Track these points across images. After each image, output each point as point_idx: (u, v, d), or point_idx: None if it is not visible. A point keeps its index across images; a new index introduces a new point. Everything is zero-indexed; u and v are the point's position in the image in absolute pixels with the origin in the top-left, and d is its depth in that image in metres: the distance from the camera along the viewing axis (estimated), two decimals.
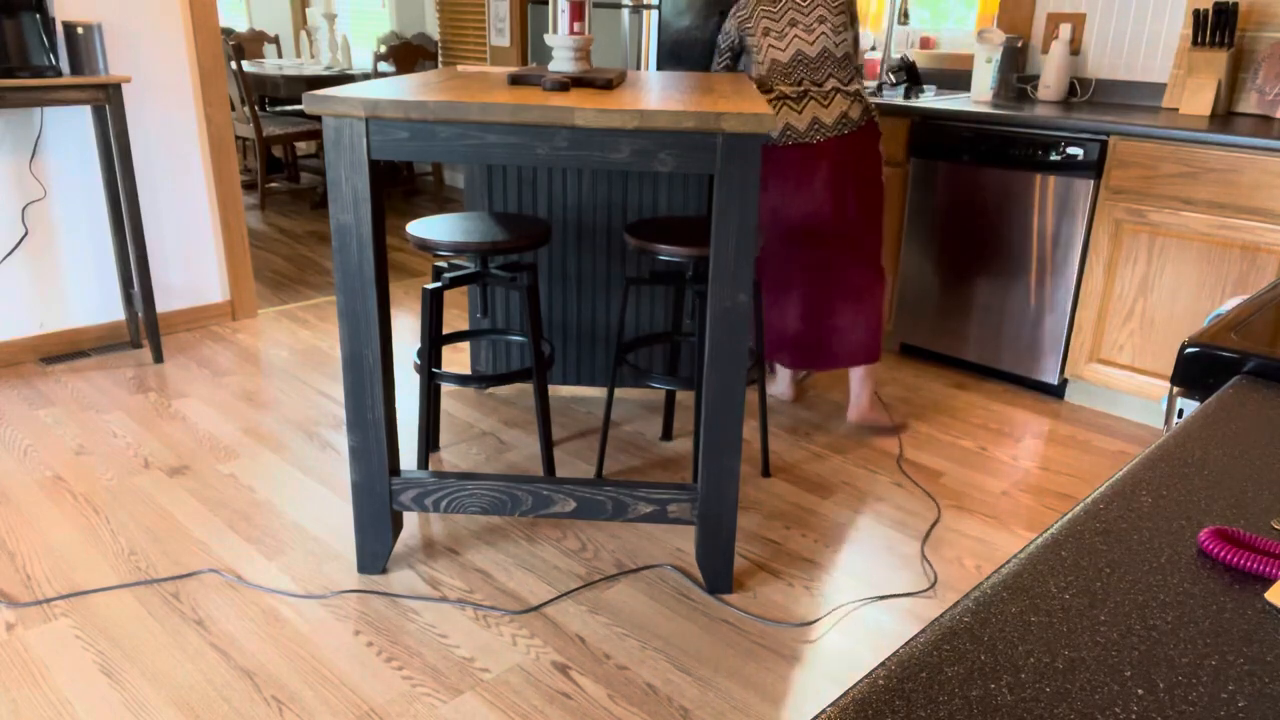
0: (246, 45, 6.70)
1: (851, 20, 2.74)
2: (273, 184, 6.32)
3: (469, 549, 2.28)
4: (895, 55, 3.98)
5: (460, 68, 2.68)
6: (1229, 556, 0.65)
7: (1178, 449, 0.82)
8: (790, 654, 1.94)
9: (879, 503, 2.54)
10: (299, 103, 6.24)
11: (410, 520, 2.39)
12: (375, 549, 2.15)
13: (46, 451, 2.68)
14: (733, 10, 2.81)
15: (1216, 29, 3.02)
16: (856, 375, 2.91)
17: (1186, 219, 2.77)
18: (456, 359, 3.46)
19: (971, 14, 3.89)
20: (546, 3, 4.28)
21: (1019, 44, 3.57)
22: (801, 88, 2.68)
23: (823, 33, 2.68)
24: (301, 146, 6.99)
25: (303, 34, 6.58)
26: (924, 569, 2.25)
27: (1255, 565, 0.64)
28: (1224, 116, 3.06)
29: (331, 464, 2.66)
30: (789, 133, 2.69)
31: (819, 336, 2.86)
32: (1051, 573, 0.64)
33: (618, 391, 3.19)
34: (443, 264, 2.56)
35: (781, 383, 3.16)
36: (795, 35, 2.68)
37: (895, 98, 3.53)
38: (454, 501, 2.12)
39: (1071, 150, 2.94)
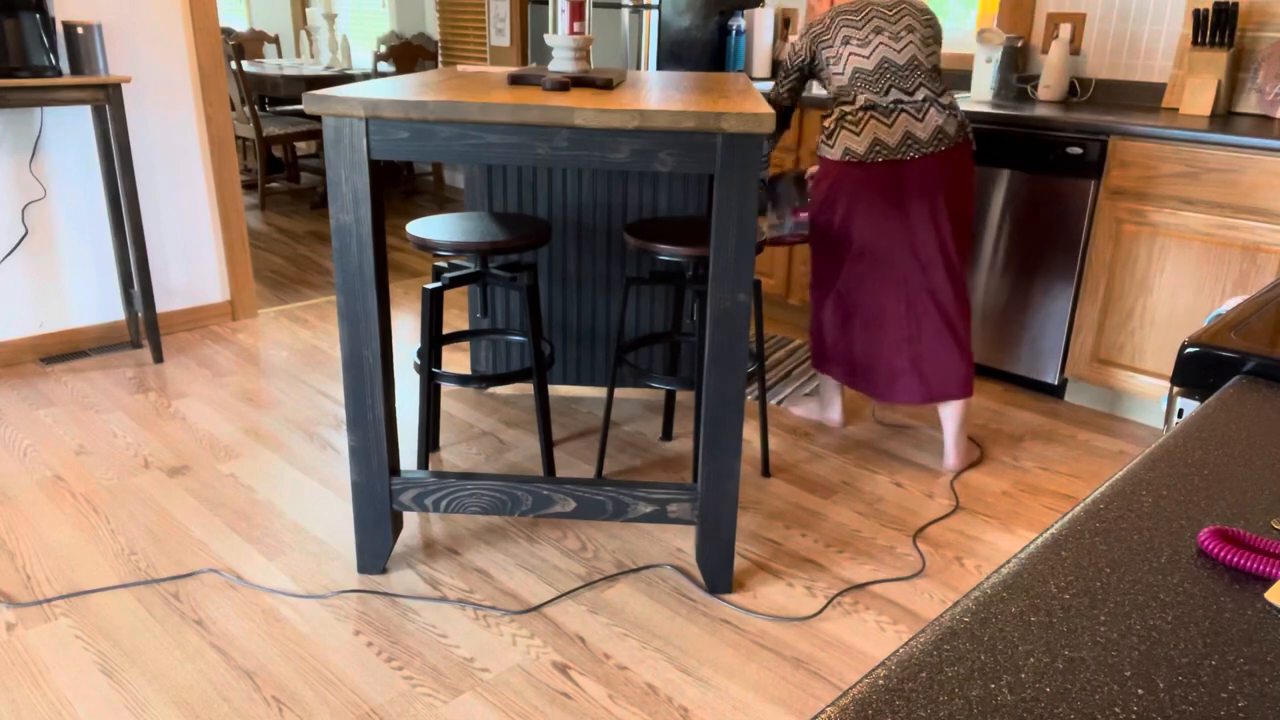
0: (246, 45, 6.70)
1: (938, 39, 2.56)
2: (273, 184, 6.32)
3: (469, 549, 2.28)
4: None
5: (460, 68, 2.68)
6: (1229, 556, 0.65)
7: (1178, 449, 0.82)
8: (790, 654, 1.94)
9: (879, 503, 2.54)
10: (299, 103, 6.24)
11: (410, 520, 2.39)
12: (375, 549, 2.15)
13: (46, 451, 2.68)
14: (805, 29, 2.61)
15: (1216, 29, 3.02)
16: (951, 416, 2.67)
17: (1186, 219, 2.77)
18: (456, 359, 3.46)
19: (971, 14, 3.89)
20: (546, 3, 4.28)
21: (1019, 44, 3.57)
22: (890, 98, 2.46)
23: (911, 42, 2.47)
24: (301, 146, 6.99)
25: (303, 34, 6.58)
26: (924, 569, 2.25)
27: (1255, 565, 0.64)
28: (1224, 116, 3.06)
29: (331, 464, 2.66)
30: (877, 148, 2.47)
31: (907, 367, 2.62)
32: (1051, 573, 0.64)
33: (618, 391, 3.19)
34: (443, 264, 2.56)
35: (833, 409, 2.94)
36: (880, 42, 2.47)
37: None
38: (454, 501, 2.12)
39: (1071, 150, 2.94)
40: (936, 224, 2.53)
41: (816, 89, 4.12)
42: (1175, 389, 1.02)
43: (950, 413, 2.67)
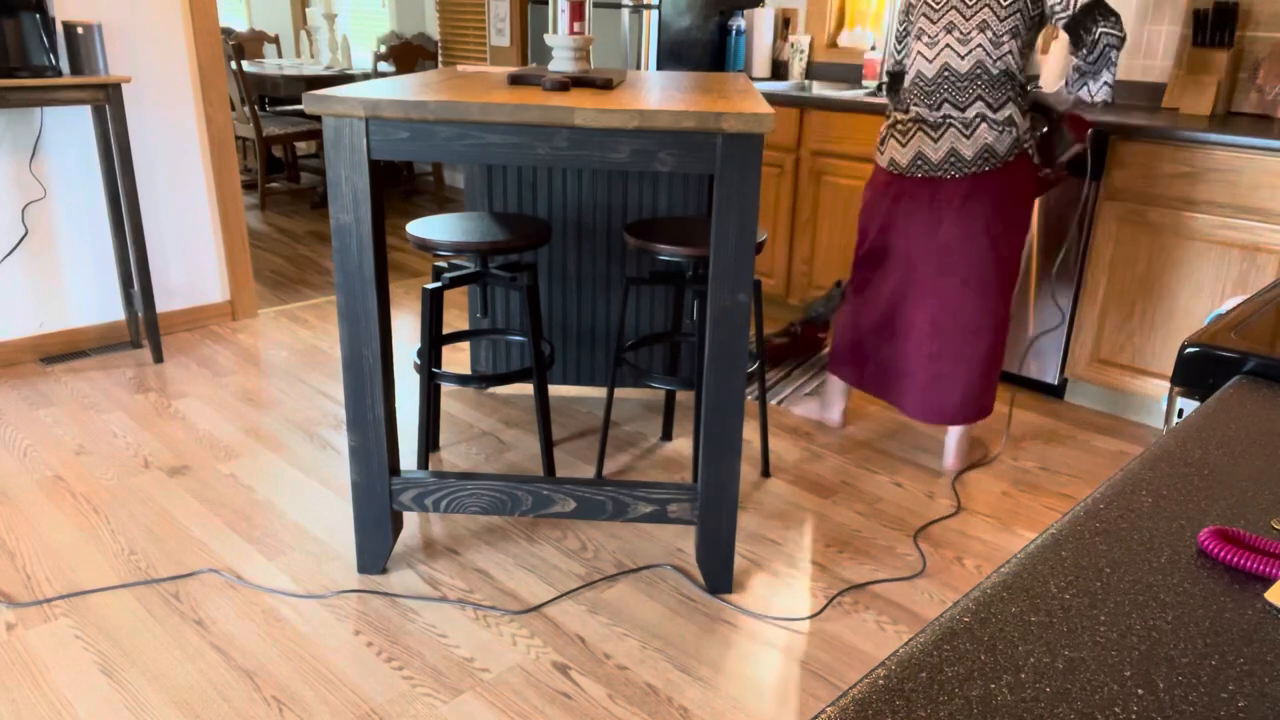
0: (246, 45, 6.70)
1: (1021, 23, 2.36)
2: (273, 184, 6.32)
3: (469, 549, 2.28)
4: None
5: (460, 68, 2.68)
6: (1229, 556, 0.65)
7: (1178, 449, 0.82)
8: (790, 654, 1.94)
9: (879, 503, 2.54)
10: (299, 103, 6.24)
11: (410, 520, 2.39)
12: (375, 549, 2.15)
13: (46, 451, 2.68)
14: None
15: (1216, 29, 3.02)
16: (956, 430, 2.69)
17: (1186, 219, 2.77)
18: (456, 359, 3.46)
19: None
20: (546, 3, 4.28)
21: None
22: (941, 112, 2.40)
23: (980, 44, 2.36)
24: (301, 146, 6.99)
25: (303, 34, 6.58)
26: (924, 569, 2.25)
27: (1255, 565, 0.64)
28: (1224, 116, 3.06)
29: (331, 464, 2.66)
30: (919, 162, 2.44)
31: (925, 384, 2.61)
32: (1051, 573, 0.64)
33: (618, 391, 3.19)
34: (443, 264, 2.56)
35: (835, 409, 2.92)
36: (948, 44, 2.38)
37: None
38: (454, 501, 2.12)
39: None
40: (975, 247, 2.47)
41: (817, 89, 4.12)
42: (1175, 389, 1.02)
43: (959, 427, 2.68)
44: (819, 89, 4.11)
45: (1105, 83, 2.37)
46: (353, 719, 1.73)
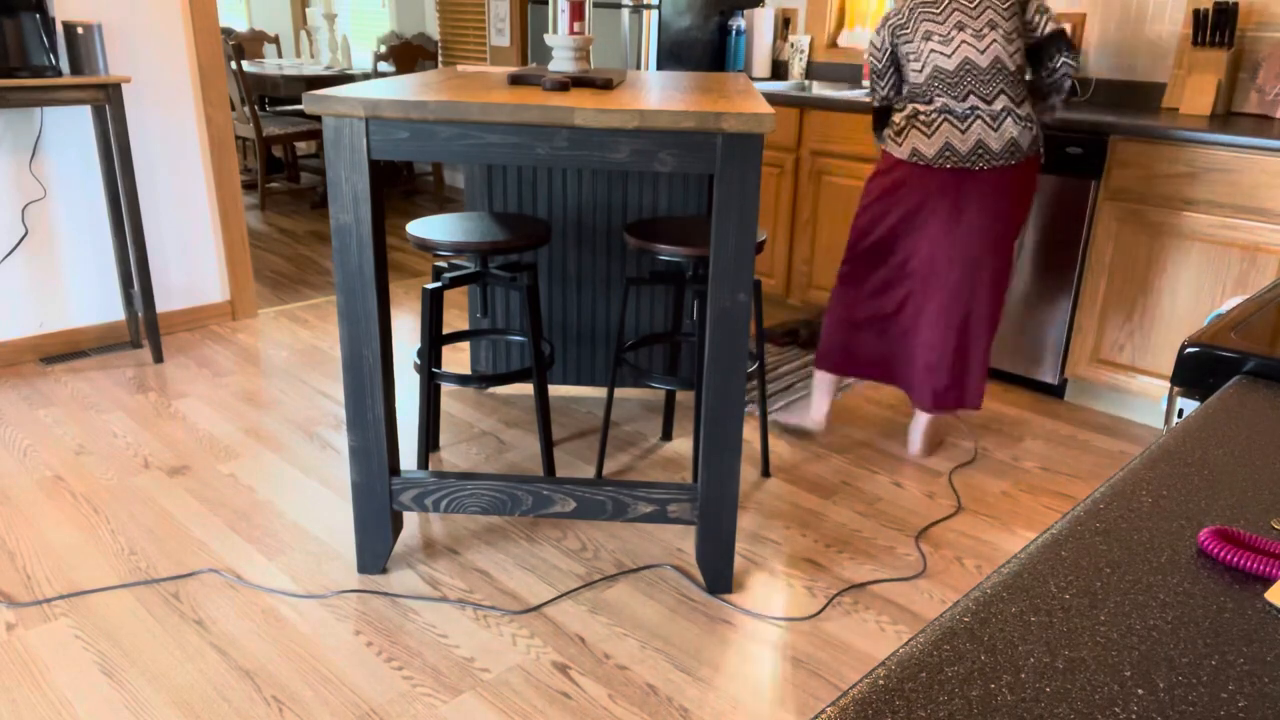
0: (246, 45, 6.70)
1: (1023, 24, 2.44)
2: (273, 184, 6.32)
3: (469, 549, 2.28)
4: None
5: (460, 68, 2.68)
6: (1229, 556, 0.65)
7: (1178, 449, 0.82)
8: (790, 654, 1.94)
9: (879, 502, 2.54)
10: (299, 103, 6.24)
11: (410, 520, 2.39)
12: (375, 549, 2.15)
13: (46, 451, 2.68)
14: (881, 22, 2.54)
15: (1216, 29, 3.02)
16: (931, 420, 2.72)
17: (1186, 219, 2.77)
18: (456, 359, 3.46)
19: None
20: (546, 3, 4.28)
21: None
22: (968, 104, 2.38)
23: (994, 40, 2.36)
24: (301, 146, 6.99)
25: (303, 34, 6.58)
26: (924, 569, 2.25)
27: (1255, 565, 0.64)
28: (1224, 116, 3.06)
29: (331, 464, 2.66)
30: (947, 153, 2.41)
31: (933, 372, 2.61)
32: (1051, 573, 0.64)
33: (618, 391, 3.19)
34: (443, 264, 2.56)
35: (819, 410, 2.86)
36: (963, 41, 2.37)
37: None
38: (454, 501, 2.12)
39: (1071, 150, 2.94)
40: (992, 238, 2.48)
41: (817, 89, 4.12)
42: (1175, 389, 1.02)
43: (931, 419, 2.71)
44: (819, 89, 4.11)
45: (1054, 104, 2.58)
46: (353, 719, 1.73)
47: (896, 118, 2.51)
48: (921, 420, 2.74)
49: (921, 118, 2.44)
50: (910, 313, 2.63)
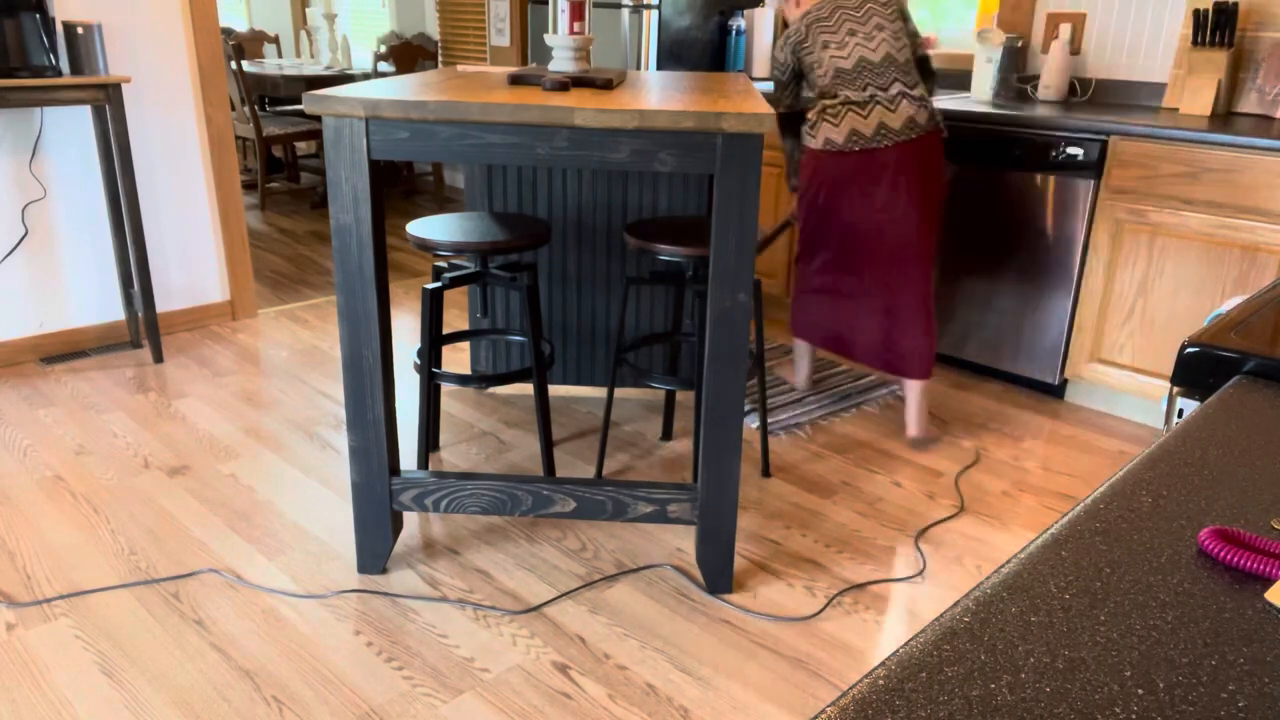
0: (246, 45, 6.70)
1: (904, 19, 2.73)
2: (273, 184, 6.32)
3: (469, 549, 2.28)
4: None
5: (460, 68, 2.68)
6: (1229, 556, 0.65)
7: (1178, 449, 0.82)
8: (790, 654, 1.94)
9: (879, 503, 2.54)
10: (299, 103, 6.24)
11: (410, 520, 2.39)
12: (375, 549, 2.15)
13: (46, 451, 2.68)
14: (781, 41, 2.80)
15: (1216, 29, 3.02)
16: (915, 393, 2.83)
17: (1186, 219, 2.77)
18: (456, 359, 3.46)
19: (971, 13, 3.89)
20: (546, 3, 4.28)
21: (1019, 44, 3.57)
22: (867, 93, 2.64)
23: (883, 39, 2.66)
24: (301, 146, 6.99)
25: (303, 34, 6.58)
26: (924, 569, 2.25)
27: (1255, 565, 0.64)
28: (1224, 116, 3.06)
29: (331, 464, 2.66)
30: (854, 138, 2.64)
31: (880, 338, 2.81)
32: (1051, 573, 0.64)
33: (618, 391, 3.19)
34: (443, 264, 2.56)
35: (801, 373, 3.19)
36: (856, 43, 2.66)
37: None
38: (454, 501, 2.12)
39: (1071, 150, 2.94)
40: (908, 206, 2.69)
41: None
42: (1175, 389, 1.02)
43: (916, 393, 2.84)
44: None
45: (932, 88, 2.91)
46: (353, 719, 1.73)
47: (810, 114, 2.77)
48: (913, 403, 2.85)
49: (829, 110, 2.70)
50: (850, 283, 2.83)
